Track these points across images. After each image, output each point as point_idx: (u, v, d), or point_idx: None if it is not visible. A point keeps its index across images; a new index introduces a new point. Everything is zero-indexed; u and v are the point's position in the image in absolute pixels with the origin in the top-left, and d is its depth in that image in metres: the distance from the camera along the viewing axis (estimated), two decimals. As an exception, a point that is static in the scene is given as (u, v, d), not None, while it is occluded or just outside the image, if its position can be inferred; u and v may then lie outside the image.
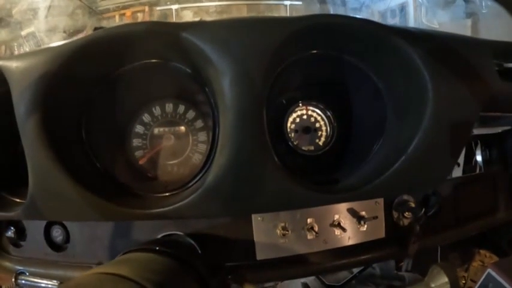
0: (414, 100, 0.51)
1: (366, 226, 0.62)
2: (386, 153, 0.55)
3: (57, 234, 0.69)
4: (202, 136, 0.64)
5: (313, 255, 0.62)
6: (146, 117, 0.64)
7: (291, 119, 0.68)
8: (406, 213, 0.63)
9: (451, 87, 0.49)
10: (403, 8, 3.28)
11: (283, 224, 0.60)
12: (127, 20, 3.22)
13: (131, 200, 0.55)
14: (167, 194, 0.59)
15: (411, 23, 3.17)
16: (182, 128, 0.65)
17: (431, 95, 0.48)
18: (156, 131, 0.64)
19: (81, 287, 0.37)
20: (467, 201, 0.70)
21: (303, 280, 0.84)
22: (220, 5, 3.18)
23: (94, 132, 0.58)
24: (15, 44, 2.91)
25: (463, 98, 0.50)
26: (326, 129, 0.68)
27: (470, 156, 0.73)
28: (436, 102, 0.48)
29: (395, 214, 0.64)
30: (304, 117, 0.68)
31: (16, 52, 2.88)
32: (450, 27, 2.59)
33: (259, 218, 0.60)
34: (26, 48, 2.90)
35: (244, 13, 3.17)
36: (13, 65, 0.50)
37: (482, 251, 1.05)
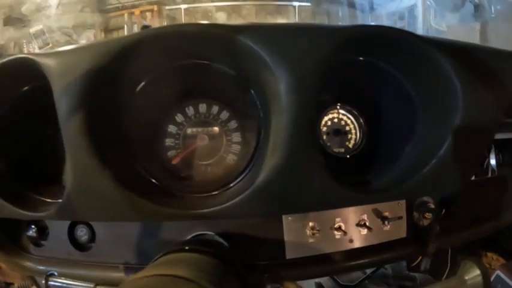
0: (445, 106, 0.53)
1: (389, 226, 0.63)
2: (417, 156, 0.57)
3: (81, 233, 0.68)
4: (237, 137, 0.64)
5: (339, 254, 0.63)
6: (179, 117, 0.64)
7: (323, 122, 0.69)
8: (427, 214, 0.64)
9: (479, 95, 0.51)
10: (411, 11, 3.28)
11: (312, 224, 0.61)
12: (136, 19, 3.24)
13: (172, 201, 0.55)
14: (206, 194, 0.59)
15: (420, 26, 3.17)
16: (215, 128, 0.64)
17: (461, 102, 0.51)
18: (189, 131, 0.64)
19: None
20: (482, 203, 0.72)
21: (317, 280, 0.86)
22: (229, 5, 3.19)
23: (133, 130, 0.58)
24: (24, 41, 2.92)
25: (489, 105, 0.52)
26: (356, 132, 0.69)
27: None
28: (465, 109, 0.51)
29: (416, 215, 0.66)
30: (335, 120, 0.69)
31: (25, 49, 2.90)
32: (458, 31, 2.59)
33: (289, 218, 0.61)
34: (35, 46, 2.92)
35: (253, 13, 3.18)
36: (54, 61, 0.49)
37: (489, 254, 1.05)
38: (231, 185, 0.59)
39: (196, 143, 0.64)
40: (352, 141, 0.69)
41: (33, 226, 0.70)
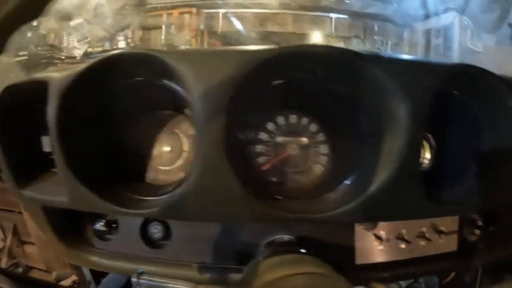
0: (508, 134, 0.58)
1: (443, 239, 0.67)
2: (480, 175, 0.61)
3: (155, 231, 0.68)
4: (324, 149, 0.67)
5: (401, 262, 0.67)
6: (270, 126, 0.66)
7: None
8: (475, 230, 0.69)
9: None
10: (448, 29, 3.24)
11: (381, 233, 0.66)
12: (174, 20, 3.28)
13: (281, 204, 0.58)
14: (307, 200, 0.61)
15: (455, 45, 3.13)
16: (304, 139, 0.67)
17: None
18: (279, 139, 0.66)
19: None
20: None
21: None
22: (264, 13, 3.21)
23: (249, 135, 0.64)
24: (65, 33, 2.98)
25: None
26: (425, 151, 0.72)
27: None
28: None
29: (465, 230, 0.70)
30: None
31: (65, 41, 2.95)
32: (495, 52, 2.54)
33: (361, 226, 0.65)
34: (74, 38, 2.97)
35: (289, 22, 3.19)
36: (192, 64, 0.51)
37: None
38: (332, 192, 0.61)
39: (285, 151, 0.66)
40: (421, 159, 0.71)
41: (101, 220, 0.70)
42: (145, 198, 0.60)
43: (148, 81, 0.59)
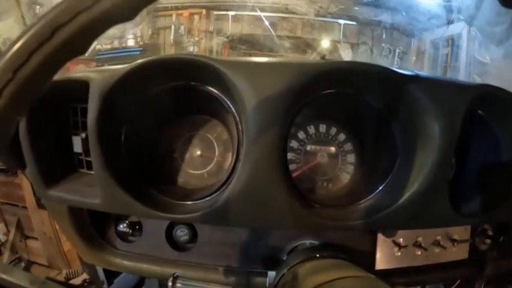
0: None
1: (456, 247, 0.69)
2: (497, 188, 0.63)
3: (181, 234, 0.68)
4: (351, 158, 0.69)
5: (416, 268, 0.69)
6: (301, 134, 0.68)
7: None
8: (486, 239, 0.72)
9: None
10: (456, 39, 3.25)
11: (401, 240, 0.67)
12: (184, 20, 3.28)
13: (318, 211, 0.59)
14: (337, 207, 0.62)
15: (463, 56, 3.14)
16: (332, 148, 0.69)
17: None
18: (308, 148, 0.68)
19: None
20: None
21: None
22: (274, 16, 3.21)
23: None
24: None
25: None
26: None
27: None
28: None
29: (477, 239, 0.72)
30: None
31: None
32: (501, 65, 2.55)
33: (383, 234, 0.67)
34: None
35: (299, 28, 3.20)
36: (247, 74, 0.52)
37: None
38: (363, 201, 0.62)
39: (315, 160, 0.68)
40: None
41: (124, 221, 0.69)
42: (180, 202, 0.60)
43: (188, 86, 0.60)
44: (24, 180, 1.75)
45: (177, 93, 0.61)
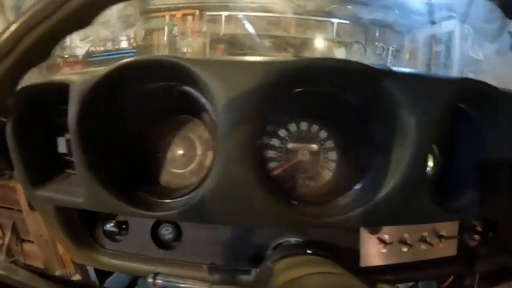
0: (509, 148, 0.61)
1: (444, 244, 0.69)
2: (485, 185, 0.63)
3: (166, 232, 0.70)
4: (332, 155, 0.69)
5: (403, 265, 0.70)
6: (282, 132, 0.68)
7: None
8: (475, 235, 0.71)
9: None
10: (449, 37, 3.26)
11: (385, 237, 0.68)
12: (177, 21, 3.29)
13: (298, 209, 0.60)
14: (317, 205, 0.63)
15: (456, 53, 3.15)
16: (314, 146, 0.69)
17: None
18: (290, 145, 0.68)
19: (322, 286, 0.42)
20: None
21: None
22: (269, 16, 3.22)
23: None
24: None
25: None
26: (429, 161, 0.73)
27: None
28: None
29: (465, 235, 0.72)
30: None
31: (68, 39, 2.95)
32: (495, 61, 2.57)
33: (367, 231, 0.68)
34: (77, 37, 2.97)
35: (292, 27, 3.21)
36: (220, 71, 0.53)
37: None
38: (342, 197, 0.63)
39: (296, 157, 0.68)
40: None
41: (111, 221, 0.71)
42: (161, 200, 0.61)
43: (167, 87, 0.61)
44: (19, 184, 1.76)
45: (157, 94, 0.62)
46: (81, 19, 0.35)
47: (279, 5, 3.20)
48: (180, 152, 0.68)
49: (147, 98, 0.63)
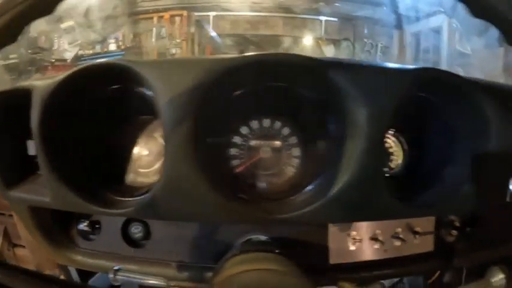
0: (479, 139, 0.59)
1: (419, 240, 0.69)
2: (454, 178, 0.62)
3: (136, 231, 0.71)
4: (296, 151, 0.68)
5: (375, 262, 0.70)
6: (244, 130, 0.68)
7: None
8: (452, 231, 0.70)
9: (509, 129, 0.57)
10: (437, 32, 3.28)
11: (354, 233, 0.68)
12: (165, 23, 3.30)
13: (251, 205, 0.60)
14: (277, 201, 0.63)
15: (444, 47, 3.17)
16: (277, 142, 0.69)
17: (493, 134, 0.57)
18: (253, 143, 0.68)
19: (256, 283, 0.42)
20: (504, 225, 0.75)
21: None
22: (257, 15, 3.24)
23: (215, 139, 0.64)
24: (55, 35, 2.99)
25: None
26: (398, 154, 0.75)
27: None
28: (495, 140, 0.57)
29: (442, 231, 0.71)
30: None
31: (56, 43, 2.97)
32: (482, 55, 2.58)
33: (335, 227, 0.68)
34: (65, 41, 2.98)
35: (280, 25, 3.23)
36: (160, 72, 0.54)
37: None
38: (300, 194, 0.63)
39: (258, 155, 0.68)
40: (394, 162, 0.74)
41: (84, 220, 0.72)
42: (123, 199, 0.63)
43: (124, 89, 0.62)
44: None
45: (117, 96, 0.64)
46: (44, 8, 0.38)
47: (266, 3, 3.21)
48: (145, 151, 0.69)
49: (108, 101, 0.64)
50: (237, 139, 0.68)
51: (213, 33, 3.08)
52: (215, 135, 0.63)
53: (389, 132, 0.74)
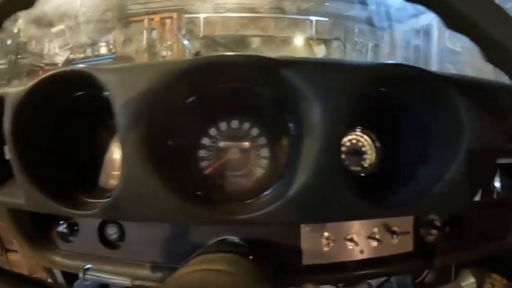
0: (454, 134, 0.57)
1: (397, 240, 0.68)
2: (428, 177, 0.61)
3: (111, 232, 0.72)
4: (265, 152, 0.69)
5: (351, 263, 0.69)
6: (213, 131, 0.69)
7: (342, 141, 0.72)
8: (432, 230, 0.69)
9: (485, 125, 0.56)
10: (427, 30, 3.30)
11: (327, 234, 0.67)
12: (155, 25, 3.32)
13: (212, 206, 0.61)
14: (241, 202, 0.64)
15: (434, 46, 3.19)
16: (246, 143, 0.69)
17: (468, 131, 0.56)
18: (221, 144, 0.69)
19: (197, 283, 0.42)
20: (486, 224, 0.76)
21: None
22: (247, 16, 3.25)
23: (179, 141, 0.65)
24: (46, 39, 3.00)
25: (494, 133, 0.57)
26: (372, 153, 0.74)
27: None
28: (472, 137, 0.56)
29: (422, 231, 0.70)
30: (354, 141, 0.75)
31: (46, 47, 2.98)
32: (473, 52, 2.60)
33: (307, 228, 0.67)
34: (56, 45, 2.99)
35: (271, 26, 3.24)
36: (115, 77, 0.56)
37: (493, 275, 1.06)
38: (263, 195, 0.63)
39: (227, 156, 0.69)
40: (368, 161, 0.74)
41: (63, 222, 0.74)
42: (93, 200, 0.64)
43: (91, 94, 0.63)
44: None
45: (86, 101, 0.65)
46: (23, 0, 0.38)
47: (257, 4, 3.22)
48: (116, 155, 0.71)
49: (77, 106, 0.66)
50: (205, 140, 0.69)
51: (185, 42, 3.07)
52: (178, 138, 0.64)
53: (358, 130, 0.74)
